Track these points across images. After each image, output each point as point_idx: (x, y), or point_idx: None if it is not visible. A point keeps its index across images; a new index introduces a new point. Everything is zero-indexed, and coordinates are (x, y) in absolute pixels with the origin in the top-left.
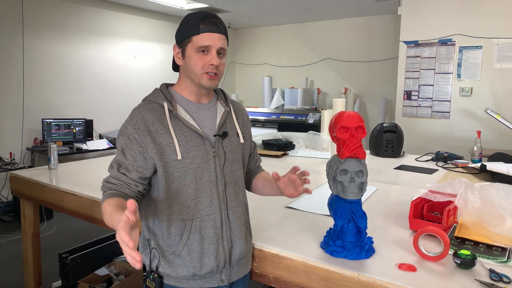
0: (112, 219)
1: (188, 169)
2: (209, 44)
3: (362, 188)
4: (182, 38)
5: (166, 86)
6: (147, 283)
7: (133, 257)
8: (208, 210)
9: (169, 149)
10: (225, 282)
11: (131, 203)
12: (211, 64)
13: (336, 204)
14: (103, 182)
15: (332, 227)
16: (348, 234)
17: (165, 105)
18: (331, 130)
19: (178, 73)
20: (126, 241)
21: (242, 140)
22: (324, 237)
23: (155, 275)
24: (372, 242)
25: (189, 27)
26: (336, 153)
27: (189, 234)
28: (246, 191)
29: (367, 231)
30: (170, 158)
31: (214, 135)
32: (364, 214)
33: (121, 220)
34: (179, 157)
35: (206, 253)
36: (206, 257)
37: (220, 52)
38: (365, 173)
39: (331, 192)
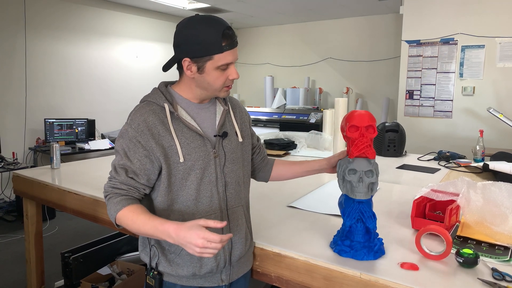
0: (152, 226)
1: (190, 171)
2: (231, 61)
3: (372, 188)
4: (201, 53)
5: (165, 85)
6: (147, 280)
7: (225, 238)
8: (208, 210)
9: (171, 152)
10: (225, 282)
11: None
12: (232, 79)
13: (345, 203)
14: (108, 188)
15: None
16: (357, 234)
17: (166, 106)
18: (342, 129)
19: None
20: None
21: (240, 139)
22: (334, 236)
23: (155, 272)
24: (382, 244)
25: (209, 43)
26: (346, 152)
27: None
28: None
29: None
30: (173, 160)
31: (215, 136)
32: (373, 214)
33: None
34: (182, 159)
35: None
36: (205, 257)
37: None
38: (375, 173)
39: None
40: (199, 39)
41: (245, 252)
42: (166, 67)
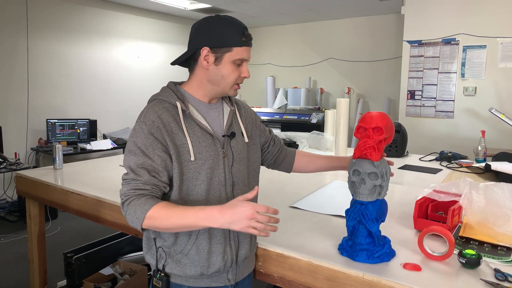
0: (191, 215)
1: (200, 170)
2: (247, 58)
3: (379, 191)
4: (221, 44)
5: (174, 84)
6: (153, 283)
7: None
8: None
9: (183, 150)
10: (231, 282)
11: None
12: (244, 77)
13: (350, 203)
14: (128, 191)
15: None
16: (358, 236)
17: (178, 104)
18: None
19: (182, 69)
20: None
21: (246, 140)
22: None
23: (162, 274)
24: (387, 251)
25: (230, 35)
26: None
27: (198, 234)
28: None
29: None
30: (184, 158)
31: (223, 136)
32: (376, 218)
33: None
34: (192, 158)
35: (213, 253)
36: (213, 257)
37: None
38: (379, 176)
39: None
40: (222, 32)
41: (251, 252)
42: (175, 62)
